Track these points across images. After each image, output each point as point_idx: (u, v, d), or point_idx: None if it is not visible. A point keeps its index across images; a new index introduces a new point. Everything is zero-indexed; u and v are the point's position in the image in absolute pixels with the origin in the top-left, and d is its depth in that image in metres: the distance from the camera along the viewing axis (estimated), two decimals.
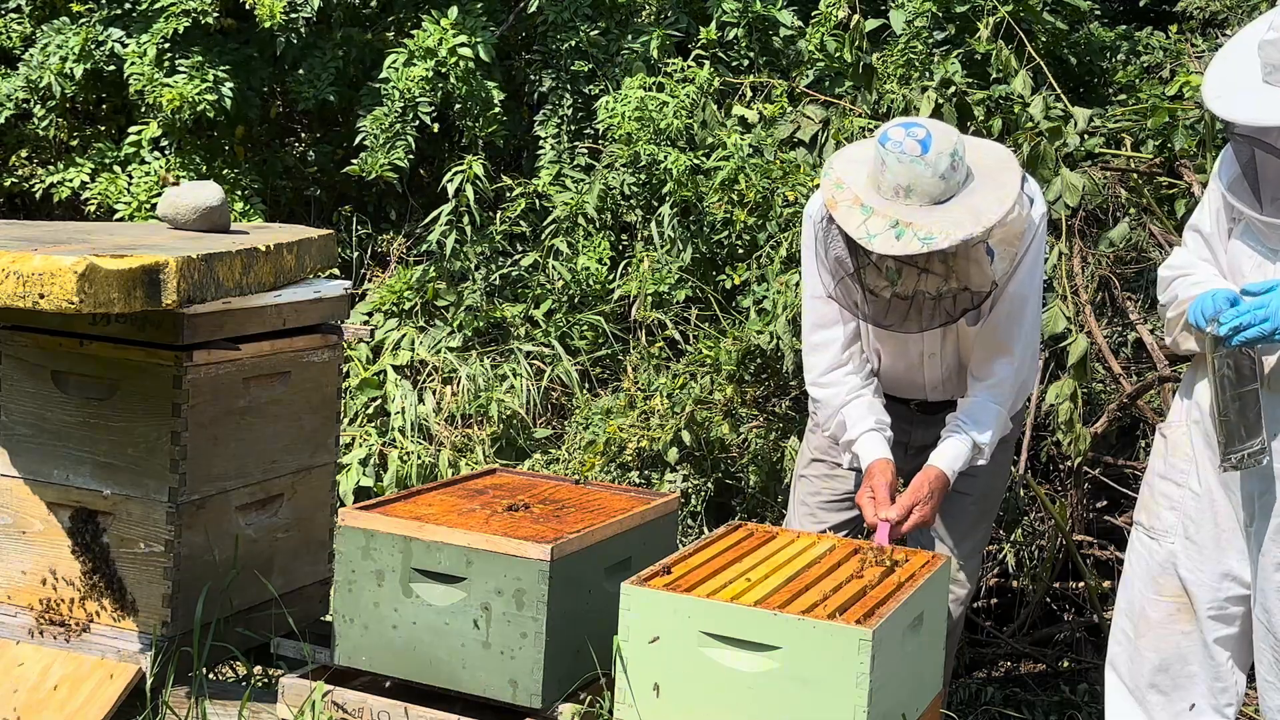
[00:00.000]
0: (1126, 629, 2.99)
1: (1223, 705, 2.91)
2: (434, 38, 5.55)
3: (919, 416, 3.30)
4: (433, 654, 2.75)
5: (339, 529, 2.85)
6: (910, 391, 3.30)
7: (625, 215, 5.49)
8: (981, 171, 2.92)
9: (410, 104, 5.54)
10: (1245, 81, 2.66)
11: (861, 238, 2.82)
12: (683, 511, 4.74)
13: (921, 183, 2.82)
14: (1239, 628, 2.87)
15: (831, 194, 2.91)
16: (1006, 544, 4.52)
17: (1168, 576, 2.91)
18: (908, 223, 2.79)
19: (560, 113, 5.80)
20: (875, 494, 3.03)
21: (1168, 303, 2.93)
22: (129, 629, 2.99)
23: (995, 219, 2.83)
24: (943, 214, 2.81)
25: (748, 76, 5.49)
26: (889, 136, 2.87)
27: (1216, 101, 2.70)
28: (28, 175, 6.14)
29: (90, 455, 3.00)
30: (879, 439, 3.14)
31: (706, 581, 2.63)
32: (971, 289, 2.92)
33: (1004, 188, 2.89)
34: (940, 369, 3.22)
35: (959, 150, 2.86)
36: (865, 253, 2.91)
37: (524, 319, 5.47)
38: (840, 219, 2.86)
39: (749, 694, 2.44)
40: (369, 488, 4.97)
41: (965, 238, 2.79)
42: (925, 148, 2.82)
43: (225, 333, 3.01)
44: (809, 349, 3.26)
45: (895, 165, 2.83)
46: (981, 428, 3.11)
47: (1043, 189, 4.61)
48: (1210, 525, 2.85)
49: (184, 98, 5.53)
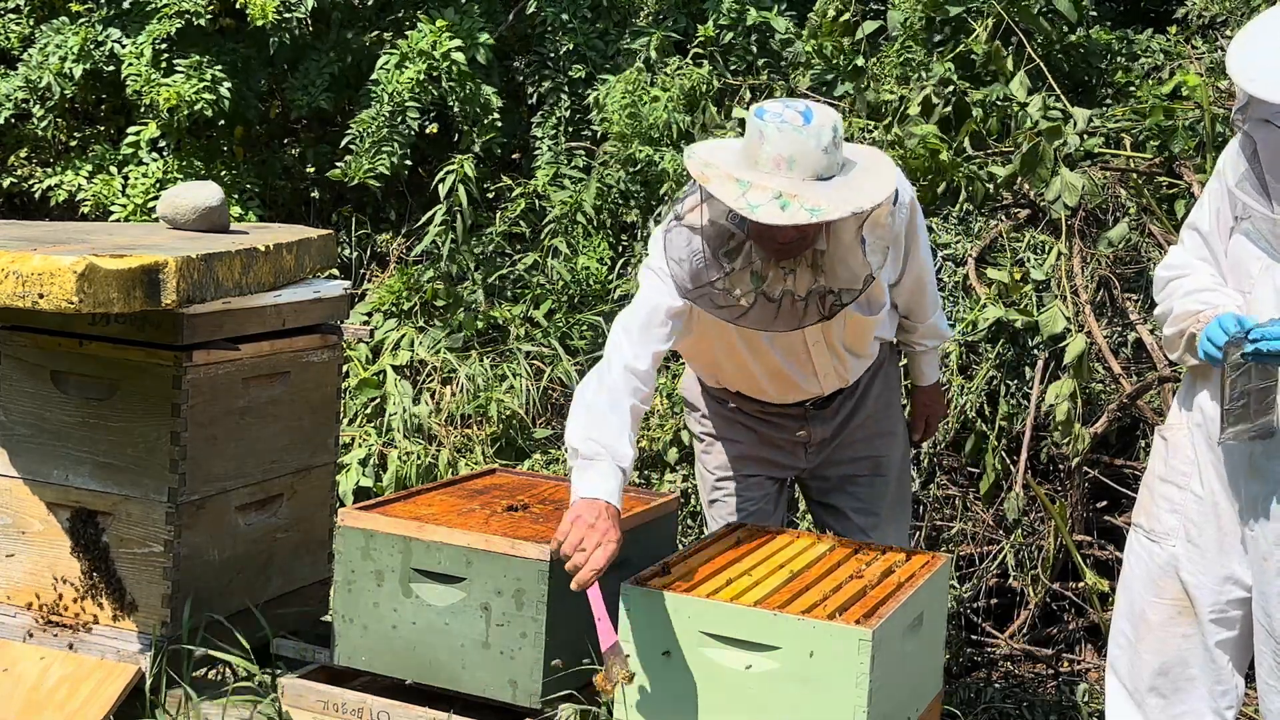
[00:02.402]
0: (1126, 631, 2.99)
1: (1223, 708, 2.91)
2: (427, 39, 5.55)
3: (814, 413, 3.24)
4: (432, 654, 2.75)
5: (339, 529, 2.85)
6: (803, 391, 3.19)
7: (624, 215, 5.49)
8: (857, 160, 2.84)
9: (400, 108, 5.53)
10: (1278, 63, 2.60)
11: (742, 209, 2.65)
12: (682, 511, 4.73)
13: (805, 154, 2.68)
14: (1239, 630, 2.86)
15: (700, 171, 2.71)
16: (1006, 544, 4.51)
17: (1168, 579, 2.90)
18: (792, 194, 2.64)
19: (558, 114, 5.80)
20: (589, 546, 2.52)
21: (1163, 314, 2.91)
22: (128, 629, 2.99)
23: (882, 196, 2.73)
24: (828, 189, 2.69)
25: (747, 78, 5.50)
26: (766, 109, 2.72)
27: (1254, 84, 2.59)
28: (27, 175, 6.14)
29: (90, 455, 3.00)
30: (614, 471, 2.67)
31: (706, 581, 2.63)
32: (840, 288, 2.83)
33: (882, 172, 2.81)
34: (828, 355, 3.11)
35: (839, 127, 2.74)
36: (728, 256, 2.80)
37: (524, 319, 5.47)
38: (717, 191, 2.69)
39: (749, 694, 2.44)
40: (369, 488, 4.97)
41: (855, 210, 2.68)
42: (807, 119, 2.69)
43: (225, 333, 3.01)
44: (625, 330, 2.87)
45: (775, 135, 2.67)
46: (940, 337, 3.40)
47: (1043, 189, 4.62)
48: (1213, 528, 2.84)
49: (181, 97, 5.53)
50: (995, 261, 4.68)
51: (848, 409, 3.25)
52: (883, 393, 3.31)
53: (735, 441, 3.29)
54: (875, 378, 3.28)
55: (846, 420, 3.26)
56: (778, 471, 3.32)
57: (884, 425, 3.32)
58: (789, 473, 3.34)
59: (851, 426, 3.27)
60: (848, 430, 3.27)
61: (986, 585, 4.58)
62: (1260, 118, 2.67)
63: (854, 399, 3.26)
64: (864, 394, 3.27)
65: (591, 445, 2.66)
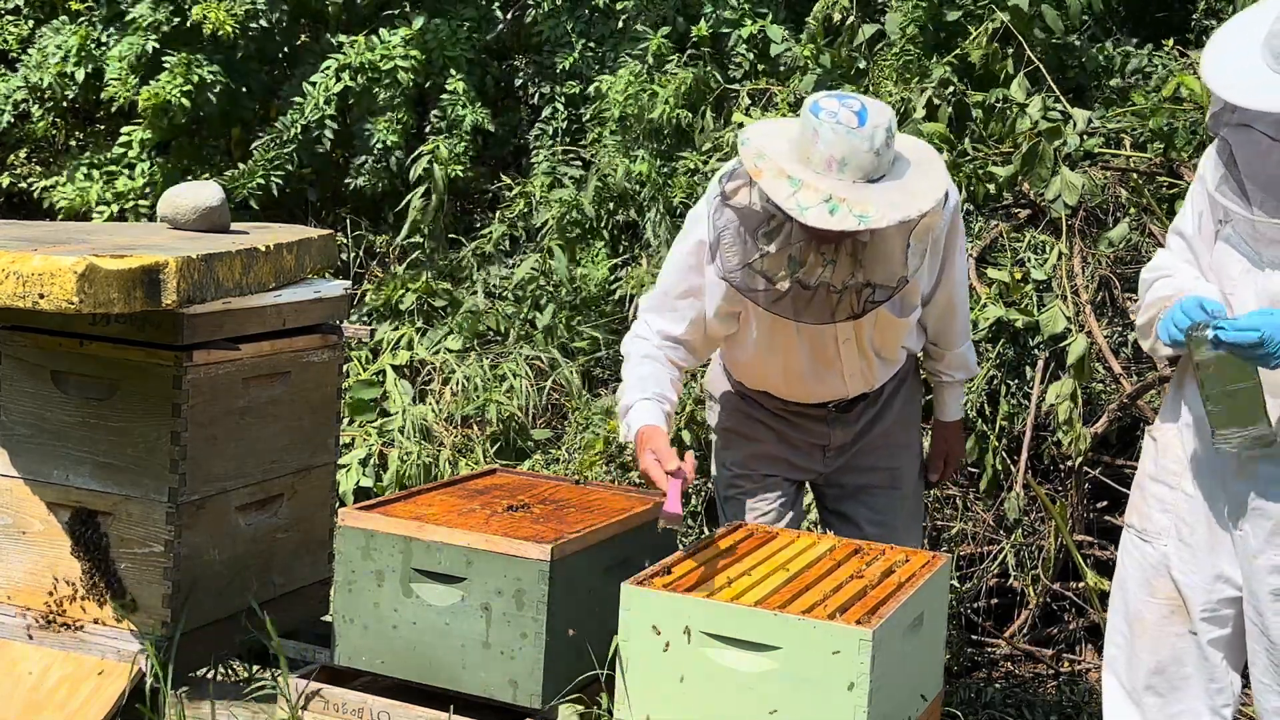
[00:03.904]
0: (1123, 630, 2.99)
1: (1219, 706, 2.91)
2: (376, 52, 5.59)
3: (836, 416, 3.24)
4: (433, 654, 2.75)
5: (339, 529, 2.85)
6: (828, 392, 3.19)
7: (619, 214, 5.48)
8: (909, 157, 2.84)
9: (317, 122, 5.58)
10: (1254, 69, 2.61)
11: (792, 209, 2.68)
12: (683, 511, 4.73)
13: (856, 156, 2.70)
14: (1231, 629, 2.87)
15: (754, 163, 2.73)
16: (1007, 544, 4.51)
17: (1161, 579, 2.91)
18: (841, 198, 2.66)
19: (555, 125, 5.81)
20: (660, 454, 2.85)
21: (1145, 305, 2.92)
22: (129, 629, 2.99)
23: (930, 204, 2.74)
24: (877, 193, 2.70)
25: (746, 83, 5.50)
26: (821, 106, 2.71)
27: (1230, 90, 2.62)
28: (26, 175, 6.14)
29: (90, 455, 3.00)
30: (655, 408, 3.00)
31: (706, 581, 2.63)
32: (876, 283, 2.83)
33: (933, 174, 2.82)
34: (857, 356, 3.12)
35: (893, 127, 2.76)
36: (767, 237, 2.82)
37: (523, 320, 5.47)
38: (768, 188, 2.71)
39: (749, 694, 2.44)
40: (369, 488, 4.97)
41: (902, 219, 2.69)
42: (862, 120, 2.70)
43: (225, 333, 3.01)
44: (649, 310, 3.11)
45: (830, 136, 2.68)
46: (968, 370, 3.37)
47: (1043, 189, 4.63)
48: (1204, 527, 2.84)
49: (160, 97, 5.52)
50: (996, 261, 4.68)
51: (869, 416, 3.26)
52: (904, 405, 3.31)
53: (755, 439, 3.30)
54: (899, 389, 3.29)
55: (868, 428, 3.26)
56: (795, 474, 3.31)
57: (903, 438, 3.32)
58: (806, 476, 3.34)
59: (872, 435, 3.27)
60: (868, 438, 3.27)
61: (986, 585, 4.58)
62: (1235, 123, 2.70)
63: (876, 406, 3.26)
64: (887, 403, 3.27)
65: (633, 394, 2.99)
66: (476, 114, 5.72)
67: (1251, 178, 2.67)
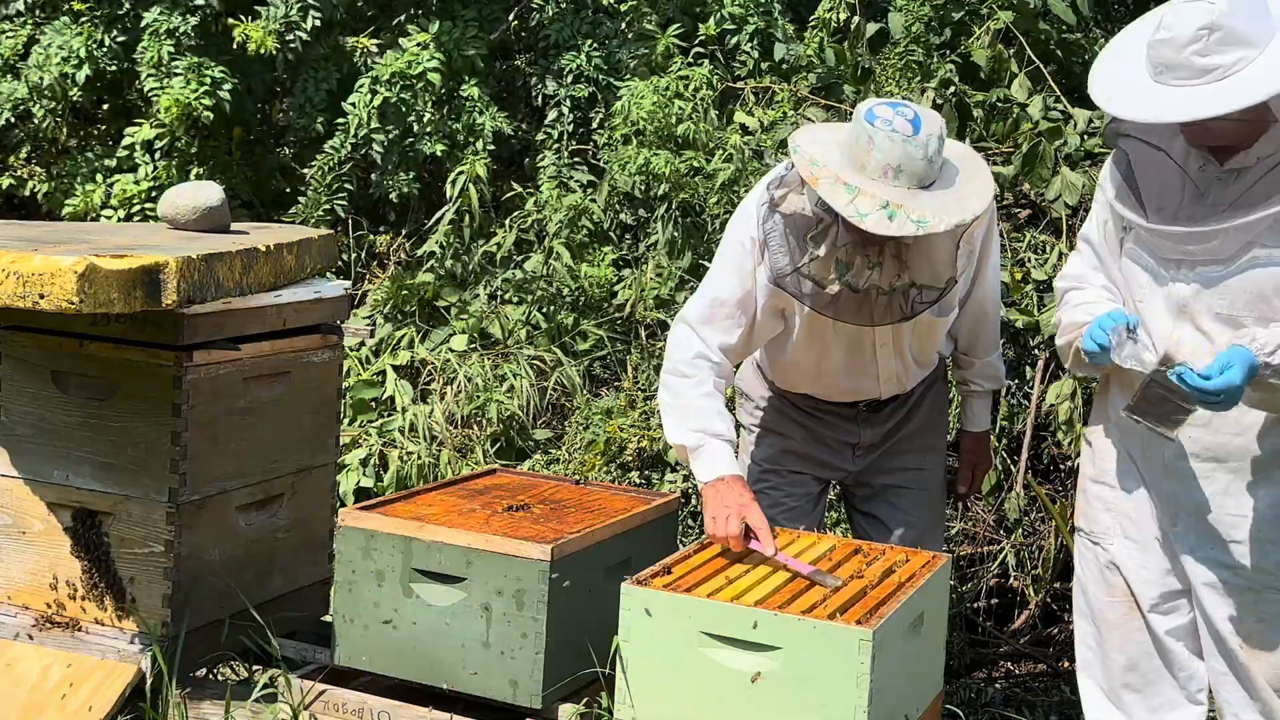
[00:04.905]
0: (1091, 633, 3.05)
1: (1194, 692, 2.97)
2: (403, 60, 5.58)
3: (866, 415, 3.27)
4: (433, 654, 2.75)
5: (339, 529, 2.85)
6: (860, 392, 3.22)
7: (624, 216, 5.48)
8: (955, 162, 2.89)
9: (364, 141, 5.58)
10: (1136, 80, 2.65)
11: (851, 216, 2.73)
12: (683, 511, 4.73)
13: (912, 164, 2.75)
14: (1188, 618, 2.91)
15: (810, 170, 2.80)
16: (1007, 544, 4.51)
17: (1115, 577, 2.97)
18: (898, 204, 2.72)
19: (561, 128, 5.81)
20: (760, 534, 2.81)
21: (1057, 323, 2.95)
22: (129, 629, 2.99)
23: (982, 207, 2.81)
24: (931, 199, 2.77)
25: (750, 81, 5.49)
26: (876, 114, 2.77)
27: (1112, 102, 2.68)
28: (27, 175, 6.13)
29: (91, 455, 3.00)
30: (731, 456, 2.98)
31: (706, 581, 2.63)
32: (922, 284, 2.88)
33: (980, 178, 2.87)
34: (894, 359, 3.15)
35: (944, 134, 2.82)
36: (814, 240, 2.86)
37: (525, 322, 5.47)
38: (826, 195, 2.76)
39: (749, 694, 2.44)
40: (369, 488, 4.97)
41: (957, 223, 2.75)
42: (916, 128, 2.75)
43: (225, 333, 3.01)
44: (690, 323, 3.05)
45: (886, 144, 2.74)
46: (997, 381, 3.38)
47: (1043, 189, 4.63)
48: (1148, 521, 2.90)
49: (180, 103, 5.52)
50: None
51: (899, 416, 3.29)
52: (932, 408, 3.34)
53: (785, 436, 3.32)
54: (929, 391, 3.32)
55: (897, 427, 3.29)
56: (823, 472, 3.34)
57: (930, 440, 3.35)
58: (834, 474, 3.36)
59: (901, 435, 3.30)
60: (897, 438, 3.30)
61: (987, 585, 4.59)
62: (1126, 133, 2.76)
63: (906, 407, 3.29)
64: (916, 404, 3.30)
65: (695, 436, 2.95)
66: (496, 119, 5.72)
67: (1146, 188, 2.73)
